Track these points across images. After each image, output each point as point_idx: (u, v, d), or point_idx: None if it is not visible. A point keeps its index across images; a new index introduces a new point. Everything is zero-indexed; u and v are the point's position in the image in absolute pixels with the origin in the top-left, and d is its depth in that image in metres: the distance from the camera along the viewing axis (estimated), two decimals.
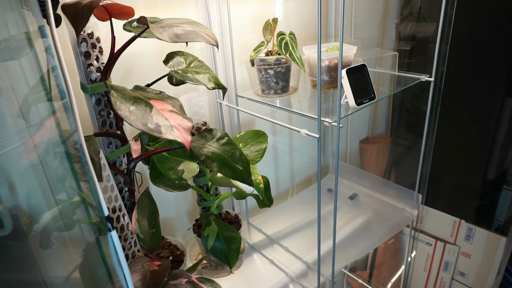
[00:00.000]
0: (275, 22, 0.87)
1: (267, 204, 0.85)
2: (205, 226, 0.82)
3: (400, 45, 1.45)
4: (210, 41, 0.59)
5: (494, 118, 1.27)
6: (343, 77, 0.75)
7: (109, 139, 0.68)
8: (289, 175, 1.33)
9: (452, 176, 1.44)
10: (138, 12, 0.79)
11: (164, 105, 0.51)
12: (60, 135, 0.45)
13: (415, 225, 1.49)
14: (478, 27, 1.23)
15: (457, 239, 1.45)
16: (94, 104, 0.64)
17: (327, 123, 0.72)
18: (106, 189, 0.64)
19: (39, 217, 0.47)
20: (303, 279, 0.91)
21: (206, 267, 0.91)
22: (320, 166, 0.76)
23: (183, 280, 0.64)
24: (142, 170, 0.86)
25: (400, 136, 1.63)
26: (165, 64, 0.65)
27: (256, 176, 0.76)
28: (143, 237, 0.70)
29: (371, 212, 1.17)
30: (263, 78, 0.89)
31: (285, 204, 1.24)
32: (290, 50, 0.84)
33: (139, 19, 0.55)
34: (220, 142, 0.62)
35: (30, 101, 0.44)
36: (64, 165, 0.45)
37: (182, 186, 0.78)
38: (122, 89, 0.51)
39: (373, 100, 0.80)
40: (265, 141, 0.85)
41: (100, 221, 0.46)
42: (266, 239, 1.05)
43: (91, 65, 0.62)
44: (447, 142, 1.40)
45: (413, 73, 0.98)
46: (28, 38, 0.43)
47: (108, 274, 0.51)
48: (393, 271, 1.63)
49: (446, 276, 1.51)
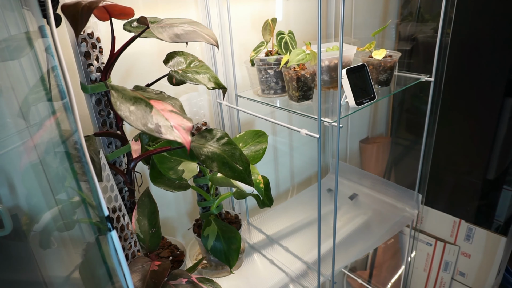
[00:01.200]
0: (274, 22, 0.87)
1: (267, 204, 0.85)
2: (205, 226, 0.82)
3: (400, 45, 1.45)
4: (210, 41, 0.60)
5: (494, 118, 1.27)
6: (343, 77, 0.75)
7: (109, 139, 0.68)
8: (289, 175, 1.33)
9: (452, 176, 1.44)
10: (138, 12, 0.79)
11: (164, 105, 0.51)
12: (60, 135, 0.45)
13: (415, 225, 1.49)
14: (478, 27, 1.23)
15: (457, 239, 1.45)
16: (94, 104, 0.64)
17: (327, 123, 0.72)
18: (106, 189, 0.64)
19: (39, 217, 0.47)
20: (303, 279, 0.91)
21: (206, 267, 0.91)
22: (320, 166, 0.76)
23: (183, 280, 0.64)
24: (142, 170, 0.86)
25: (400, 136, 1.63)
26: (165, 64, 0.65)
27: (256, 176, 0.76)
28: (143, 237, 0.70)
29: (371, 212, 1.17)
30: (263, 78, 0.89)
31: (285, 204, 1.23)
32: (290, 49, 0.84)
33: (139, 19, 0.55)
34: (220, 142, 0.62)
35: (30, 101, 0.44)
36: (64, 165, 0.45)
37: (182, 186, 0.78)
38: (122, 89, 0.51)
39: (373, 100, 0.80)
40: (265, 141, 0.85)
41: (100, 221, 0.46)
42: (266, 239, 1.05)
43: (91, 65, 0.62)
44: (447, 142, 1.40)
45: (413, 73, 0.98)
46: (28, 38, 0.43)
47: (108, 274, 0.51)
48: (393, 271, 1.63)
49: (446, 276, 1.51)
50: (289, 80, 0.82)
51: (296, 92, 0.82)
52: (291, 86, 0.82)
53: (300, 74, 0.79)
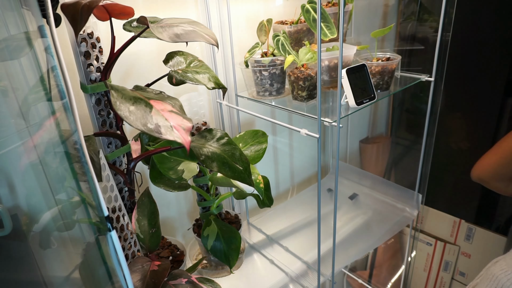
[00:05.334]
0: (269, 23, 0.86)
1: (267, 204, 0.85)
2: (205, 226, 0.82)
3: (400, 45, 1.45)
4: (210, 41, 0.59)
5: (494, 118, 1.27)
6: (343, 77, 0.75)
7: (109, 139, 0.68)
8: (289, 175, 1.33)
9: (452, 176, 1.44)
10: (138, 12, 0.79)
11: (164, 105, 0.51)
12: (60, 135, 0.45)
13: (415, 225, 1.49)
14: (478, 27, 1.23)
15: (457, 239, 1.45)
16: (94, 104, 0.64)
17: (327, 123, 0.71)
18: (106, 189, 0.64)
19: (39, 217, 0.47)
20: (303, 279, 0.91)
21: (206, 267, 0.91)
22: (320, 166, 0.76)
23: (183, 280, 0.64)
24: (142, 170, 0.86)
25: (400, 136, 1.63)
26: (165, 64, 0.65)
27: (256, 176, 0.76)
28: (143, 237, 0.70)
29: (371, 212, 1.17)
30: (258, 80, 0.88)
31: (285, 204, 1.23)
32: (288, 50, 0.83)
33: (139, 19, 0.55)
34: (220, 142, 0.62)
35: (30, 101, 0.44)
36: (64, 165, 0.45)
37: (182, 186, 0.78)
38: (122, 89, 0.51)
39: (373, 100, 0.80)
40: (265, 141, 0.85)
41: (100, 221, 0.46)
42: (266, 239, 1.05)
43: (91, 65, 0.62)
44: (447, 142, 1.40)
45: (413, 73, 0.98)
46: (28, 38, 0.43)
47: (108, 274, 0.51)
48: (393, 271, 1.63)
49: (446, 276, 1.51)
50: (294, 80, 0.82)
51: (303, 92, 0.82)
52: (297, 86, 0.82)
53: (306, 73, 0.80)
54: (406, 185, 1.18)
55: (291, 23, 0.92)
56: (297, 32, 0.91)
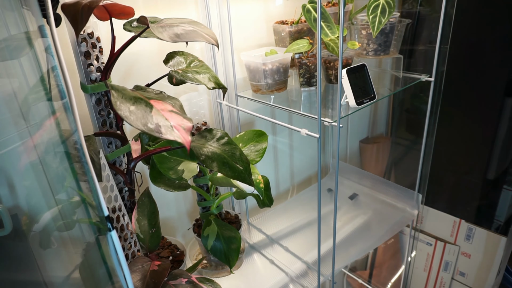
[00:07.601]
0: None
1: (267, 204, 0.85)
2: (205, 226, 0.82)
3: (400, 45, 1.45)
4: (210, 41, 0.59)
5: (494, 118, 1.27)
6: (343, 77, 0.75)
7: (109, 139, 0.68)
8: (289, 175, 1.33)
9: (452, 176, 1.44)
10: (138, 12, 0.79)
11: (164, 105, 0.51)
12: (60, 135, 0.45)
13: (415, 225, 1.49)
14: (478, 27, 1.23)
15: (457, 239, 1.45)
16: (94, 104, 0.64)
17: (327, 123, 0.72)
18: (106, 189, 0.64)
19: (39, 217, 0.47)
20: (303, 279, 0.91)
21: (206, 267, 0.91)
22: (320, 166, 0.76)
23: (183, 280, 0.64)
24: (142, 170, 0.86)
25: (400, 136, 1.63)
26: (165, 64, 0.65)
27: (256, 176, 0.76)
28: (143, 237, 0.70)
29: (371, 212, 1.17)
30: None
31: (285, 204, 1.23)
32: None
33: (139, 19, 0.55)
34: (220, 142, 0.62)
35: (30, 101, 0.44)
36: (64, 165, 0.45)
37: (182, 186, 0.78)
38: (122, 89, 0.51)
39: (373, 100, 0.80)
40: (265, 141, 0.85)
41: (100, 221, 0.46)
42: (266, 239, 1.05)
43: (91, 65, 0.62)
44: (447, 142, 1.40)
45: (413, 73, 0.98)
46: (28, 37, 0.43)
47: (108, 274, 0.51)
48: (393, 271, 1.63)
49: (446, 276, 1.51)
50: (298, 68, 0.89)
51: (299, 78, 0.89)
52: (298, 74, 0.90)
53: (301, 62, 0.85)
54: (406, 185, 1.18)
55: (292, 23, 0.93)
56: (297, 32, 0.91)
